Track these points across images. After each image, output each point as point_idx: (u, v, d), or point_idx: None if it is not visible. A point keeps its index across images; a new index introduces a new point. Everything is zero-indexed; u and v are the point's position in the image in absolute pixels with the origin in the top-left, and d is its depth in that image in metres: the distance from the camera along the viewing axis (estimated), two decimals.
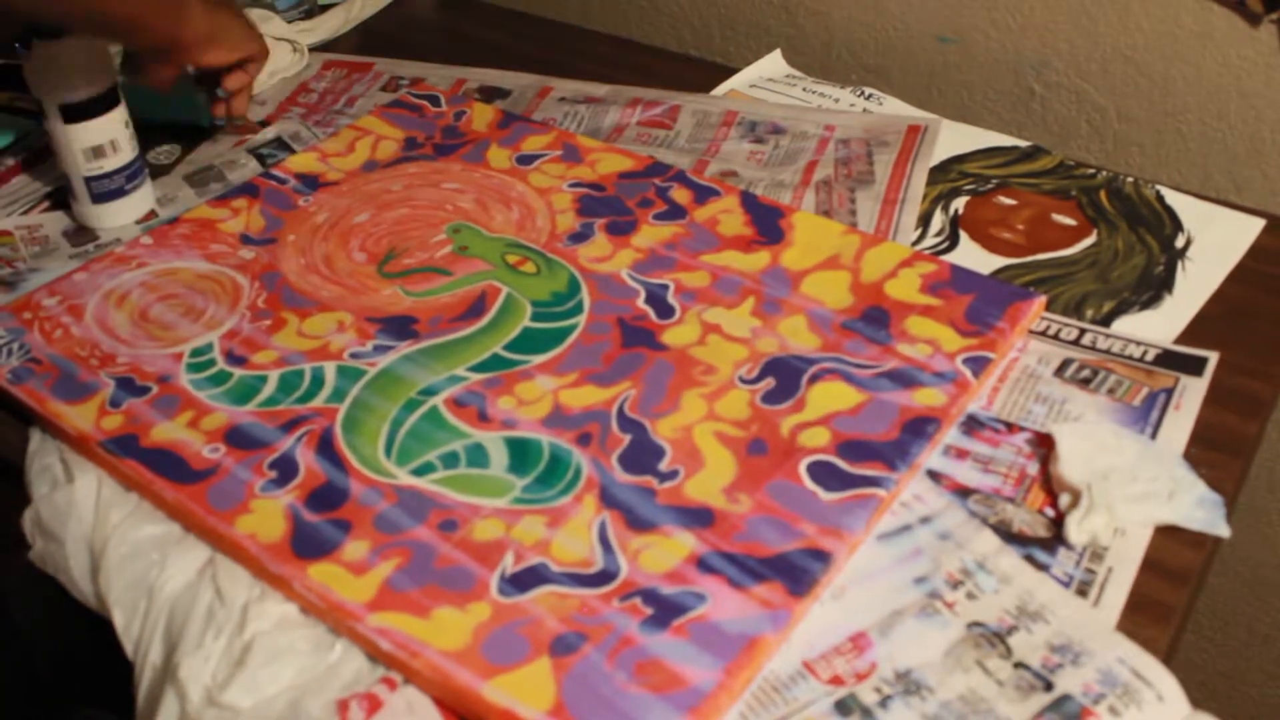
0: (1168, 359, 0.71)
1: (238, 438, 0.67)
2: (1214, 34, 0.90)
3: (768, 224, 0.81)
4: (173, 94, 0.91)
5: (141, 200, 0.89)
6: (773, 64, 1.06)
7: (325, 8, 1.17)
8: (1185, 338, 0.74)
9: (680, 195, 0.85)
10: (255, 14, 1.07)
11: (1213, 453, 0.65)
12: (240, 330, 0.75)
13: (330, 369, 0.71)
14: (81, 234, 0.88)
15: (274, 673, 0.55)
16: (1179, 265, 0.79)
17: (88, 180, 0.86)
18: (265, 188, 0.89)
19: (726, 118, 0.97)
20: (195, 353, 0.73)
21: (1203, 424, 0.67)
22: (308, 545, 0.60)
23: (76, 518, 0.63)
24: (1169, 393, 0.69)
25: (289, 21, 1.11)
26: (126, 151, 0.87)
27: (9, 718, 1.04)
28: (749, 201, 0.84)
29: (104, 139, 0.85)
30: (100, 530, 0.62)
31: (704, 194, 0.85)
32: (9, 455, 0.69)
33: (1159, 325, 0.75)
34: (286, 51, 1.08)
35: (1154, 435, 0.66)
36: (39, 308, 0.77)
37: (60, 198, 0.91)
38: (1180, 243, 0.81)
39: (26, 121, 1.01)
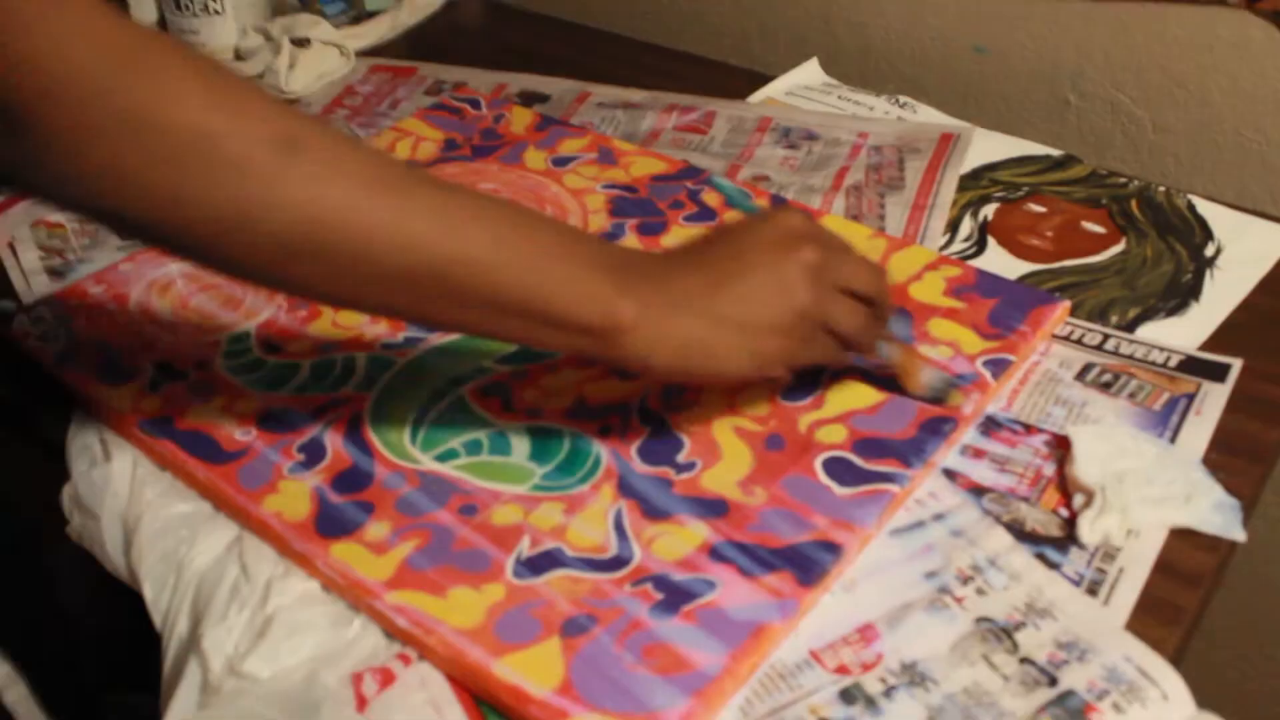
0: (1191, 365, 0.71)
1: (269, 421, 0.69)
2: (1250, 45, 0.90)
3: None
4: None
5: None
6: (809, 72, 1.07)
7: (373, 14, 1.19)
8: (1210, 345, 0.74)
9: (711, 198, 0.86)
10: (304, 19, 1.10)
11: (1233, 458, 0.65)
12: (277, 320, 0.77)
13: (362, 358, 0.73)
14: None
15: (293, 645, 0.56)
16: (1207, 274, 0.79)
17: None
18: None
19: (761, 124, 0.98)
20: (233, 341, 0.75)
21: (1223, 430, 0.67)
22: (331, 525, 0.62)
23: (112, 494, 0.65)
24: (1190, 398, 0.69)
25: (337, 27, 1.14)
26: None
27: (53, 699, 1.07)
28: (779, 204, 0.85)
29: None
30: (134, 507, 0.64)
31: (735, 197, 0.86)
32: (53, 435, 0.72)
33: (1184, 332, 0.75)
34: (334, 55, 1.10)
35: (1173, 439, 0.66)
36: (86, 295, 0.80)
37: None
38: (1210, 251, 0.81)
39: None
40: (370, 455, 0.66)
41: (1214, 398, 0.69)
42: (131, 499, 0.65)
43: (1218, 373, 0.70)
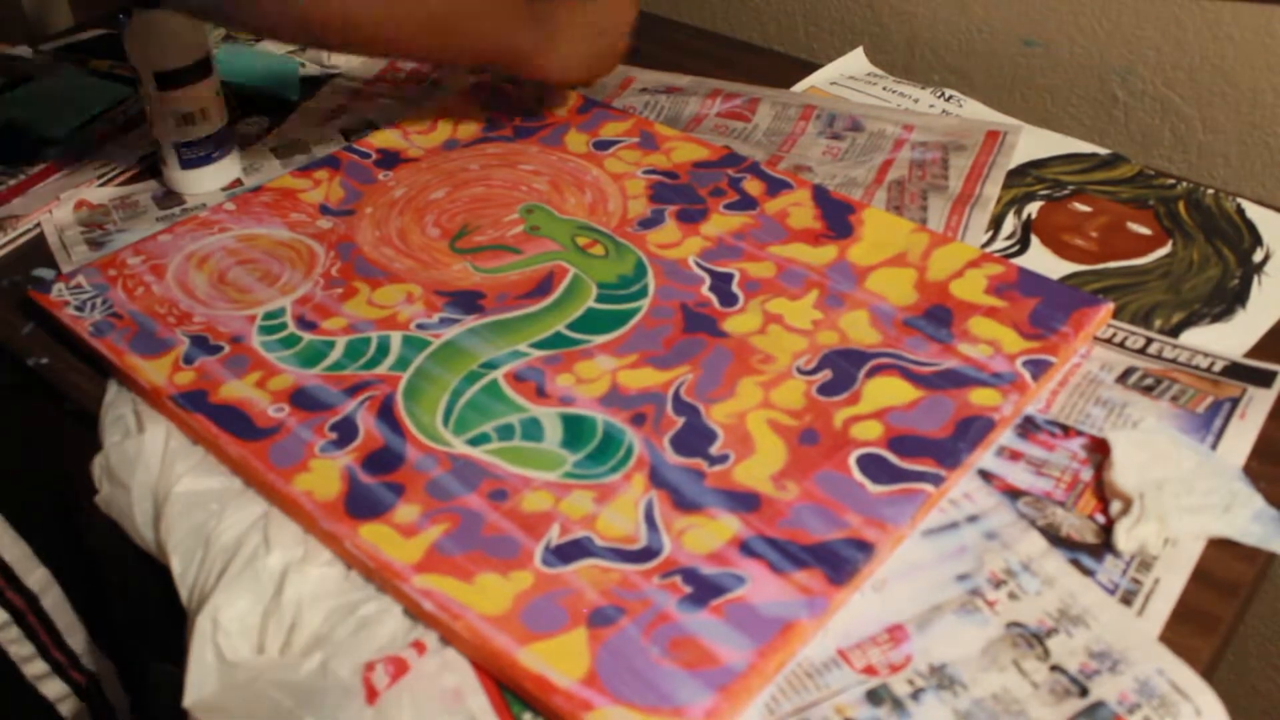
0: (1236, 370, 0.70)
1: (302, 399, 0.69)
2: None
3: (837, 218, 0.81)
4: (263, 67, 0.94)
5: (228, 168, 0.92)
6: (855, 61, 1.06)
7: None
8: (1256, 353, 0.72)
9: (752, 186, 0.85)
10: None
11: (1275, 467, 0.64)
12: (313, 296, 0.77)
13: (396, 338, 0.73)
14: (169, 198, 0.91)
15: (308, 632, 0.56)
16: (1255, 279, 0.78)
17: (178, 146, 0.89)
18: (347, 161, 0.91)
19: (804, 112, 0.97)
20: (268, 315, 0.75)
21: (1267, 437, 0.66)
22: (361, 506, 0.62)
23: (144, 466, 0.65)
24: (1234, 402, 0.67)
25: None
26: (216, 120, 0.90)
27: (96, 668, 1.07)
28: (820, 195, 0.84)
29: (195, 106, 0.88)
30: (165, 479, 0.64)
31: (776, 186, 0.85)
32: (86, 404, 0.72)
33: (1230, 338, 0.73)
34: None
35: (1215, 444, 0.65)
36: (124, 265, 0.80)
37: (152, 164, 0.94)
38: (1259, 257, 0.80)
39: (125, 88, 1.04)
40: (402, 436, 0.66)
41: (1259, 403, 0.68)
42: (162, 472, 0.65)
43: (1263, 379, 0.69)
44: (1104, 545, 0.60)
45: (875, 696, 0.54)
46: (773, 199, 0.84)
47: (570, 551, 0.59)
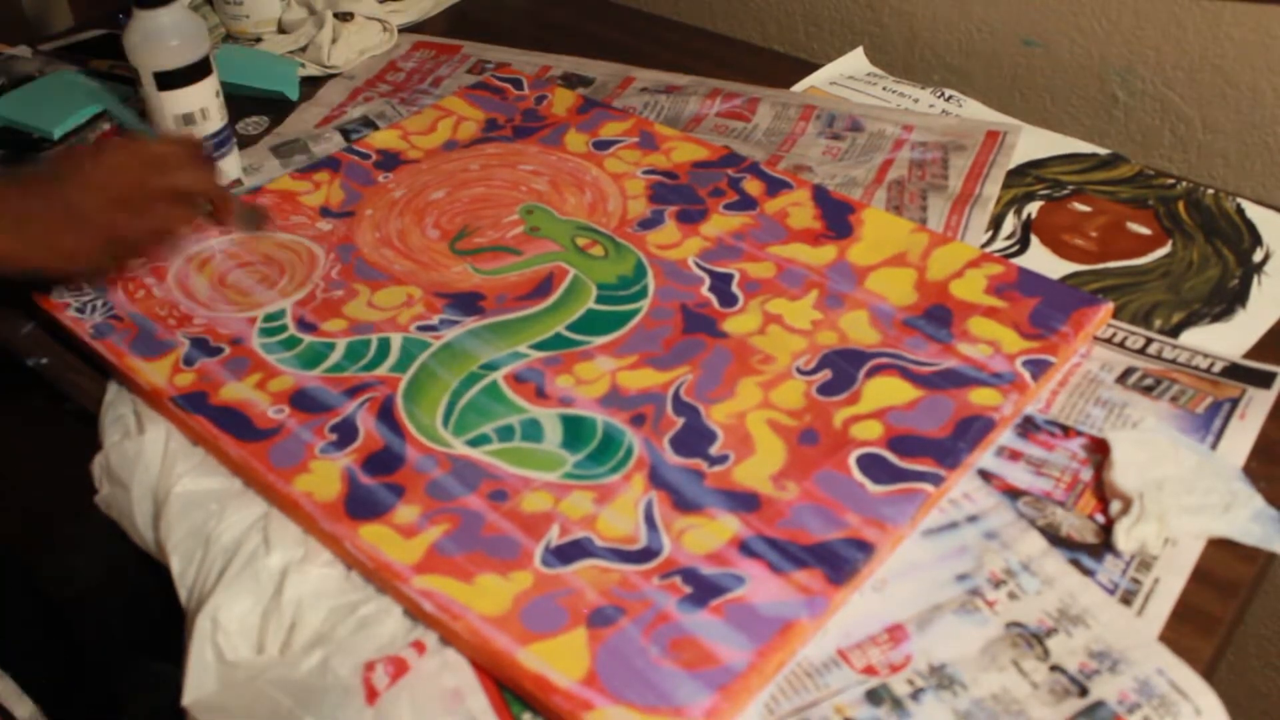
0: (1235, 371, 0.70)
1: (302, 400, 0.69)
2: None
3: (837, 218, 0.81)
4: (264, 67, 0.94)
5: (228, 168, 0.92)
6: (854, 61, 1.06)
7: None
8: (1256, 352, 0.72)
9: (752, 186, 0.85)
10: None
11: (1275, 467, 0.64)
12: (313, 298, 0.77)
13: (396, 340, 0.73)
14: None
15: (308, 632, 0.56)
16: (1255, 279, 0.78)
17: None
18: (347, 162, 0.91)
19: (804, 112, 0.97)
20: (268, 318, 0.75)
21: (1266, 438, 0.66)
22: (361, 506, 0.62)
23: (144, 466, 0.65)
24: (1234, 403, 0.67)
25: (380, 1, 1.14)
26: (216, 120, 0.89)
27: (84, 672, 1.07)
28: (820, 196, 0.84)
29: (195, 107, 0.87)
30: (165, 480, 0.64)
31: (776, 186, 0.85)
32: (86, 405, 0.72)
33: (1229, 338, 0.73)
34: (376, 30, 1.10)
35: (1215, 444, 0.65)
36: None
37: None
38: (1258, 257, 0.80)
39: (125, 88, 1.04)
40: (402, 438, 0.66)
41: (1258, 403, 0.68)
42: (162, 472, 0.65)
43: (1263, 380, 0.69)
44: (1104, 545, 0.60)
45: (875, 696, 0.54)
46: (772, 199, 0.84)
47: (570, 552, 0.59)
